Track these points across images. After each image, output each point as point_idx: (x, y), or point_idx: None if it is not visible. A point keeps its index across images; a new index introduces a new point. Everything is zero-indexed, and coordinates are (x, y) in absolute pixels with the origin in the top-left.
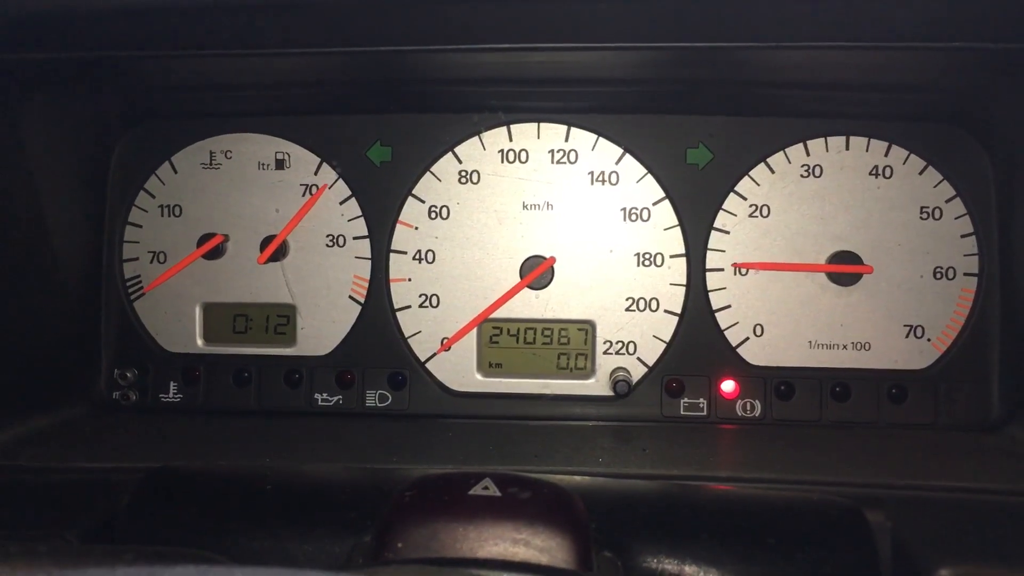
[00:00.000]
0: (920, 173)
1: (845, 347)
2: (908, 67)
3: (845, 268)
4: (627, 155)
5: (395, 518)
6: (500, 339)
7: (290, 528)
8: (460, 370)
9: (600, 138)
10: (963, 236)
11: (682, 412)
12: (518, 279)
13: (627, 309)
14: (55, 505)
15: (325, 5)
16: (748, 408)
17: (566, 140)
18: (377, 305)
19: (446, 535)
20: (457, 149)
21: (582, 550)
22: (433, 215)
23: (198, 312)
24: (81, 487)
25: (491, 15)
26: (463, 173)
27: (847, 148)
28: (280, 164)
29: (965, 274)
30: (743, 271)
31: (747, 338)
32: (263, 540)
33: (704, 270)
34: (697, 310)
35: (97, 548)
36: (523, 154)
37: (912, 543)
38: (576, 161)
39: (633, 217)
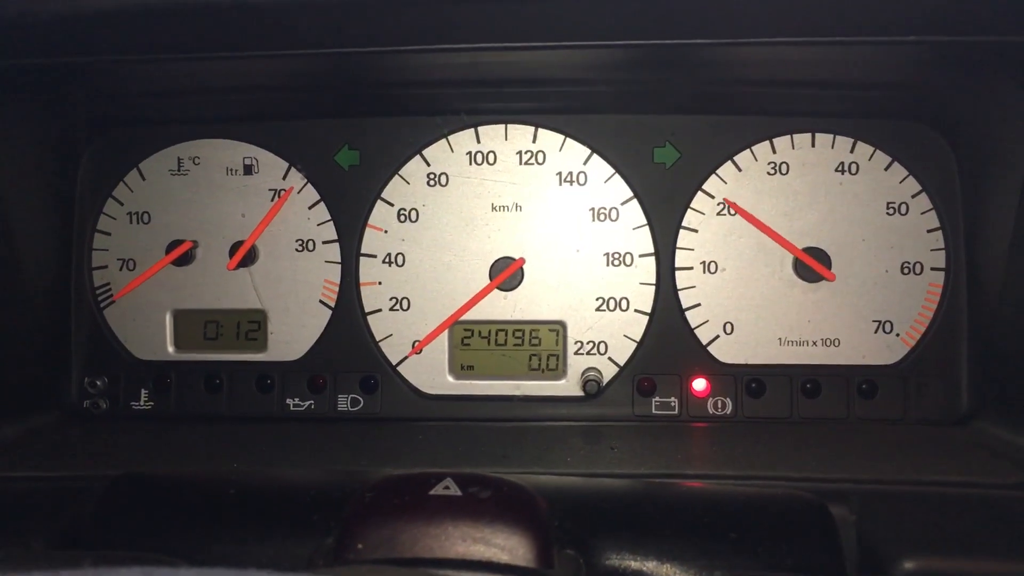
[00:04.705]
0: (886, 169)
1: (815, 343)
2: (872, 64)
3: (815, 264)
4: (595, 155)
5: (355, 519)
6: (471, 341)
7: (253, 531)
8: (432, 373)
9: (567, 139)
10: (930, 231)
11: (654, 411)
12: (488, 281)
13: (597, 309)
14: (24, 513)
15: (289, 8)
16: (719, 406)
17: (534, 141)
18: (348, 309)
19: (406, 535)
20: (425, 152)
21: (543, 548)
22: (402, 218)
23: (168, 319)
24: (50, 495)
25: (456, 15)
26: (431, 176)
27: (813, 145)
28: (248, 169)
29: (932, 269)
30: (712, 269)
31: (717, 336)
32: (226, 544)
33: (673, 269)
34: (667, 309)
35: (55, 554)
36: (491, 155)
37: (877, 536)
38: (544, 162)
39: (602, 217)
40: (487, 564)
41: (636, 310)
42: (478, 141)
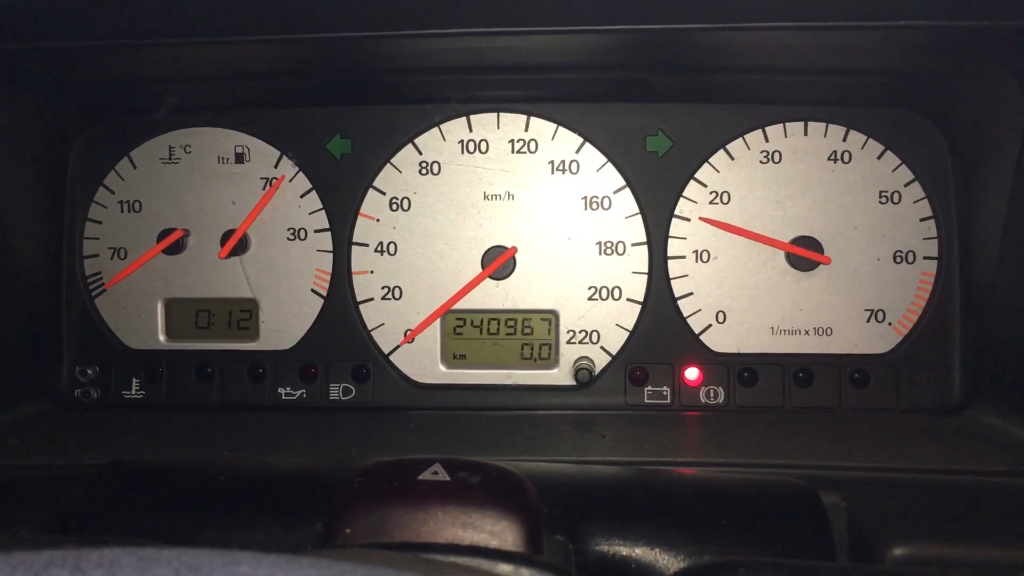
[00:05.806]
0: (878, 157)
1: (807, 332)
2: (864, 51)
3: (806, 253)
4: (587, 144)
5: (344, 505)
6: (464, 330)
7: (242, 517)
8: (424, 362)
9: (560, 127)
10: (922, 220)
11: (646, 400)
12: (480, 270)
13: (590, 298)
14: (14, 501)
15: None
16: (712, 395)
17: (526, 130)
18: (339, 298)
19: (394, 520)
20: (417, 140)
21: (532, 533)
22: (394, 207)
23: (160, 308)
24: (41, 484)
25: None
26: (423, 164)
27: (805, 134)
28: (240, 158)
29: (925, 258)
30: (704, 258)
31: (710, 325)
32: (215, 530)
33: (665, 258)
34: (659, 298)
35: (43, 539)
36: (483, 144)
37: (868, 523)
38: (536, 151)
39: (594, 206)
40: (476, 549)
41: (628, 299)
42: (470, 130)
